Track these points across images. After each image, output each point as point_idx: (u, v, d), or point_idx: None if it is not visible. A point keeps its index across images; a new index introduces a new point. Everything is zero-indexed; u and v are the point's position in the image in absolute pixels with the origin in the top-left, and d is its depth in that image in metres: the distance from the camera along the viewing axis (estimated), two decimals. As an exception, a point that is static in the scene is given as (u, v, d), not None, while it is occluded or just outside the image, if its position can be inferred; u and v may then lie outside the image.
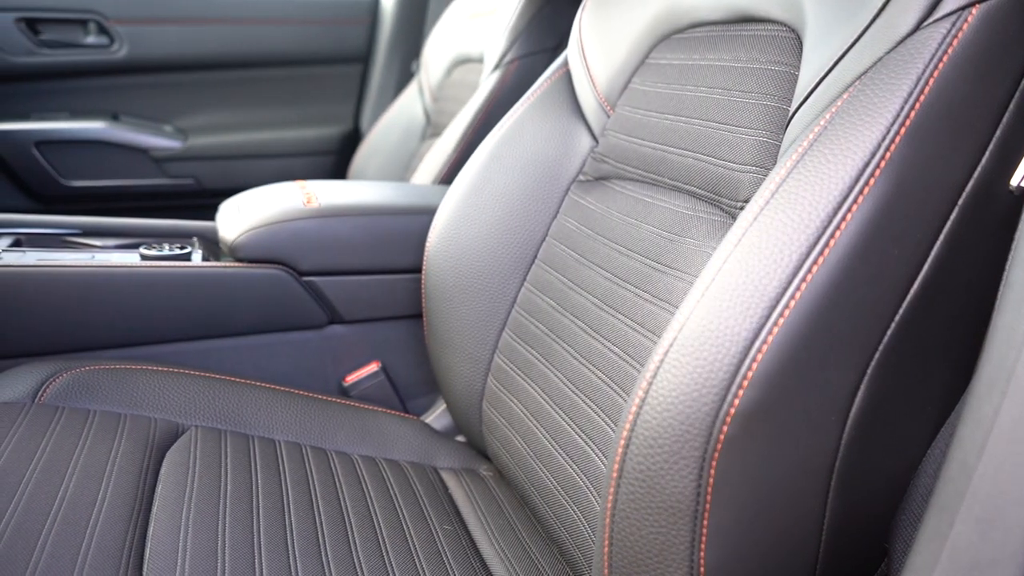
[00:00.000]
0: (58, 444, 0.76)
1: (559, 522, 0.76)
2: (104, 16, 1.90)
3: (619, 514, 0.52)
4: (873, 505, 0.55)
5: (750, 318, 0.48)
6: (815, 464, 0.50)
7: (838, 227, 0.48)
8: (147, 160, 1.97)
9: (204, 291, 1.05)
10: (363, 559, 0.71)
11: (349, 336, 1.15)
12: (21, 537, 0.63)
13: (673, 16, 0.80)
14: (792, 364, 0.47)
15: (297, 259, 1.08)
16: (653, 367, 0.51)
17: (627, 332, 0.72)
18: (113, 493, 0.71)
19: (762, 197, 0.53)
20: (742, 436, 0.47)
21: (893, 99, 0.50)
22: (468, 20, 1.69)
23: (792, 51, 0.65)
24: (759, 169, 0.65)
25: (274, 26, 2.04)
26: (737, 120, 0.68)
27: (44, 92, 1.94)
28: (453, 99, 1.64)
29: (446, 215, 0.95)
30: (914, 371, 0.53)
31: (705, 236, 0.69)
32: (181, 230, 1.25)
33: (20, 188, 1.92)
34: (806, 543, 0.52)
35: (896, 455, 0.55)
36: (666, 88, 0.79)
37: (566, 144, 0.91)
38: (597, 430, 0.72)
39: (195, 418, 0.87)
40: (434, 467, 0.92)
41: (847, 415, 0.50)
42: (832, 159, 0.50)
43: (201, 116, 2.06)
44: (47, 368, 0.88)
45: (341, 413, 0.96)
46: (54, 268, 0.98)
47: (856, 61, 0.55)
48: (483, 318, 0.91)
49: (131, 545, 0.66)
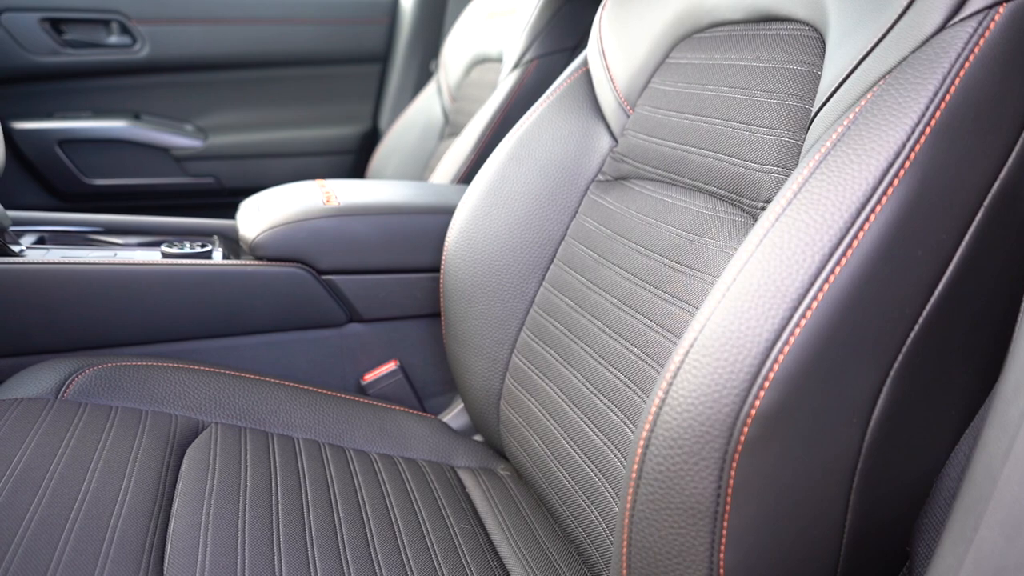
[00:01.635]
0: (81, 440, 0.77)
1: (577, 522, 0.76)
2: (127, 16, 1.92)
3: (638, 515, 0.52)
4: (895, 508, 0.55)
5: (772, 319, 0.47)
6: (836, 466, 0.50)
7: (861, 228, 0.48)
8: (168, 159, 1.98)
9: (224, 289, 1.06)
10: (381, 556, 0.72)
11: (367, 335, 1.15)
12: (45, 531, 0.64)
13: (694, 16, 0.80)
14: (814, 366, 0.47)
15: (316, 258, 1.09)
16: (673, 367, 0.51)
17: (646, 332, 0.72)
18: (135, 489, 0.72)
19: (784, 197, 0.52)
20: (763, 438, 0.47)
21: (918, 98, 0.49)
22: (487, 20, 1.69)
23: (815, 50, 0.65)
24: (781, 169, 0.64)
25: (294, 26, 2.06)
26: (758, 120, 0.68)
27: (67, 91, 1.96)
28: (471, 99, 1.65)
29: (465, 214, 0.95)
30: (937, 373, 0.52)
31: (725, 236, 0.69)
32: (201, 228, 1.26)
33: (43, 186, 1.94)
34: (827, 545, 0.51)
35: (918, 458, 0.54)
36: (686, 88, 0.79)
37: (585, 144, 0.91)
38: (615, 430, 0.72)
39: (215, 415, 0.88)
40: (452, 466, 0.93)
41: (869, 417, 0.50)
42: (856, 159, 0.50)
43: (221, 115, 2.07)
44: (70, 364, 0.89)
45: (359, 411, 0.96)
46: (77, 265, 0.99)
47: (880, 60, 0.55)
48: (501, 318, 0.91)
49: (152, 540, 0.67)
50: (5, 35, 1.84)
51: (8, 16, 1.83)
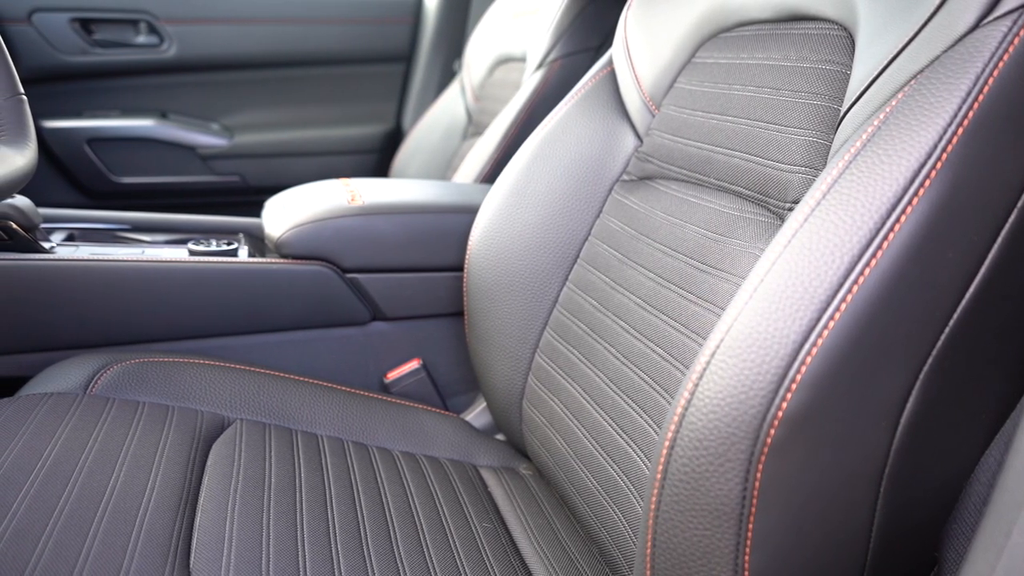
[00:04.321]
0: (109, 434, 0.78)
1: (599, 523, 0.75)
2: (155, 16, 1.94)
3: (663, 516, 0.52)
4: (924, 512, 0.54)
5: (800, 320, 0.47)
6: (864, 469, 0.49)
7: (892, 229, 0.47)
8: (194, 157, 2.00)
9: (250, 286, 1.07)
10: (404, 554, 0.72)
11: (391, 333, 1.16)
12: (74, 523, 0.65)
13: (721, 15, 0.79)
14: (842, 368, 0.46)
15: (341, 256, 1.10)
16: (699, 368, 0.51)
17: (670, 333, 0.71)
18: (161, 483, 0.73)
19: (813, 198, 0.52)
20: (790, 440, 0.47)
21: (951, 98, 0.49)
22: (511, 19, 1.69)
23: (844, 50, 0.64)
24: (808, 170, 0.64)
25: (319, 25, 2.07)
26: (786, 120, 0.68)
27: (96, 90, 1.98)
28: (495, 98, 1.65)
29: (489, 214, 0.95)
30: (967, 377, 0.52)
31: (752, 237, 0.68)
32: (227, 226, 1.27)
33: (72, 184, 1.97)
34: (854, 549, 0.51)
35: (948, 462, 0.54)
36: (713, 87, 0.78)
37: (610, 143, 0.91)
38: (639, 431, 0.71)
39: (240, 411, 0.89)
40: (474, 465, 0.93)
41: (898, 421, 0.49)
42: (886, 159, 0.49)
43: (247, 114, 2.09)
44: (98, 360, 0.90)
45: (382, 409, 0.96)
46: (106, 262, 1.00)
47: (912, 60, 0.54)
48: (524, 317, 0.91)
49: (179, 534, 0.67)
50: (36, 35, 1.87)
51: (39, 16, 1.86)
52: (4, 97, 0.77)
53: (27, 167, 0.76)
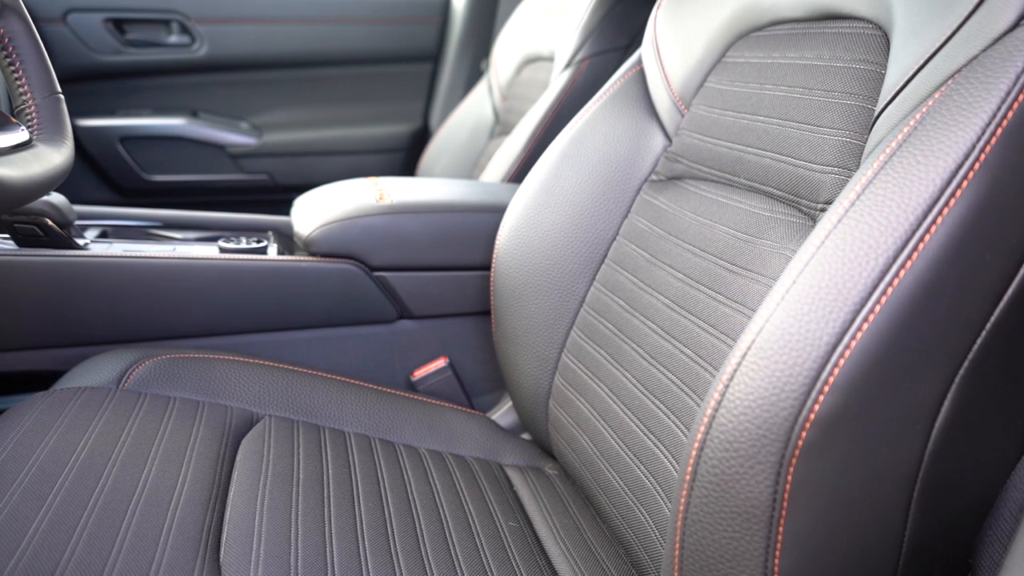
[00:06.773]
0: (141, 429, 0.79)
1: (626, 523, 0.75)
2: (186, 16, 1.96)
3: (691, 517, 0.52)
4: (958, 519, 0.53)
5: (833, 322, 0.47)
6: (897, 474, 0.49)
7: (928, 231, 0.46)
8: (224, 156, 2.03)
9: (279, 284, 1.08)
10: (430, 551, 0.72)
11: (418, 331, 1.16)
12: (107, 516, 0.66)
13: (752, 13, 0.79)
14: (876, 371, 0.46)
15: (369, 254, 1.10)
16: (730, 370, 0.50)
17: (700, 334, 0.71)
18: (192, 477, 0.74)
19: (847, 199, 0.51)
20: (822, 442, 0.46)
21: (989, 98, 0.48)
22: (538, 19, 1.69)
23: (878, 49, 0.63)
24: (841, 170, 0.63)
25: (347, 25, 2.08)
26: (819, 120, 0.67)
27: (129, 89, 2.01)
28: (522, 98, 1.65)
29: (516, 213, 0.95)
30: (1004, 382, 0.51)
31: (783, 238, 0.68)
32: (257, 224, 1.28)
33: (105, 181, 2.00)
34: (885, 555, 0.50)
35: (983, 468, 0.53)
36: (743, 87, 0.78)
37: (639, 143, 0.90)
38: (667, 432, 0.71)
39: (269, 407, 0.90)
40: (499, 464, 0.93)
41: (932, 425, 0.48)
42: (922, 160, 0.49)
43: (276, 113, 2.11)
44: (131, 355, 0.91)
45: (409, 407, 0.97)
46: (139, 259, 1.01)
47: (949, 59, 0.53)
48: (551, 317, 0.91)
49: (209, 528, 0.68)
50: (71, 35, 1.90)
51: (74, 17, 1.89)
52: (43, 96, 0.78)
53: (64, 165, 0.78)
